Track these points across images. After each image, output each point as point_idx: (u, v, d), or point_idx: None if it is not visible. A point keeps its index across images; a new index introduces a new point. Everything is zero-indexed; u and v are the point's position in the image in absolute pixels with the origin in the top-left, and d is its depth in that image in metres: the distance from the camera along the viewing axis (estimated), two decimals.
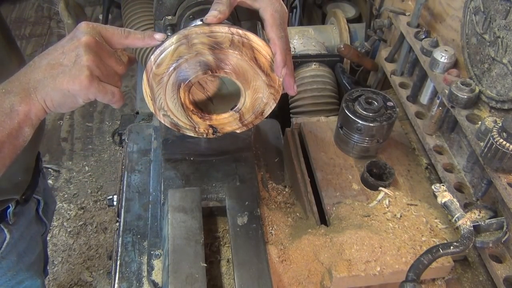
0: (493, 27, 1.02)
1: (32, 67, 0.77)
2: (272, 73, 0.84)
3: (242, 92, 0.86)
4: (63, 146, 2.49)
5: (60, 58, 0.76)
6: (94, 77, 0.76)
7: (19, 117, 0.76)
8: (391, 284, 1.02)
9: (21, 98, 0.75)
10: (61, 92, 0.76)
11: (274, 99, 0.88)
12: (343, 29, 1.72)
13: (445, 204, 0.99)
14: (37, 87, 0.76)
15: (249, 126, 0.93)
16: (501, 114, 1.04)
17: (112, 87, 0.79)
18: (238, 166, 1.19)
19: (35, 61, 0.78)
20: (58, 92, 0.76)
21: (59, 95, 0.77)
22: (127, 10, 1.83)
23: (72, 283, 1.97)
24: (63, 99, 0.77)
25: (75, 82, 0.75)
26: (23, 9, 3.45)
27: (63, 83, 0.75)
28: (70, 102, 0.78)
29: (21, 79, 0.77)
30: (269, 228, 1.13)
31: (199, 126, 0.91)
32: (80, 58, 0.75)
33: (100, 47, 0.77)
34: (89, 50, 0.75)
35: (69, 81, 0.75)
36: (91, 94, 0.77)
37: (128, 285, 1.06)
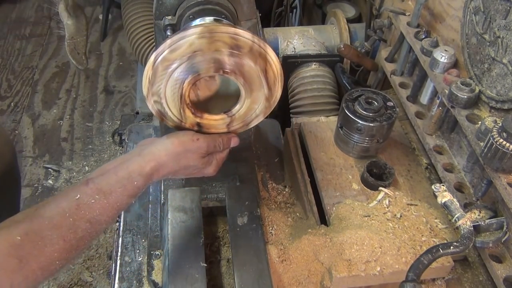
0: (493, 27, 1.02)
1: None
2: (274, 89, 0.86)
3: (242, 99, 0.87)
4: (63, 146, 2.49)
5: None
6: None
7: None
8: (391, 284, 1.02)
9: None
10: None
11: (264, 114, 0.91)
12: (343, 29, 1.72)
13: (445, 204, 0.99)
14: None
15: (231, 135, 0.95)
16: (501, 114, 1.03)
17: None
18: (238, 166, 1.19)
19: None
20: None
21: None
22: (127, 10, 1.83)
23: (72, 283, 1.96)
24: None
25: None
26: (23, 9, 3.45)
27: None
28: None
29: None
30: (269, 228, 1.13)
31: (186, 121, 0.90)
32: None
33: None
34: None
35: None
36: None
37: (128, 285, 1.06)
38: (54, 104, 2.77)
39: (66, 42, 1.56)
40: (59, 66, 3.02)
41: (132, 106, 2.74)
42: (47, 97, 2.82)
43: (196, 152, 0.89)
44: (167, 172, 0.87)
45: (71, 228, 0.74)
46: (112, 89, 2.88)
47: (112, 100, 2.80)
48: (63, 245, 0.73)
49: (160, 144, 0.87)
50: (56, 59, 3.06)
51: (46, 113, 2.71)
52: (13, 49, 3.13)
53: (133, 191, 0.82)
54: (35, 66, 3.01)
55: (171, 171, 0.88)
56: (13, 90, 2.86)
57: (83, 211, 0.76)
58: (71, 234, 0.74)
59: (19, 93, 2.84)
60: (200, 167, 0.92)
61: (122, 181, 0.80)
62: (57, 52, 3.11)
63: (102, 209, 0.77)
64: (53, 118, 2.68)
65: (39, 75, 2.95)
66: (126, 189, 0.80)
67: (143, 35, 1.77)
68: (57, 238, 0.72)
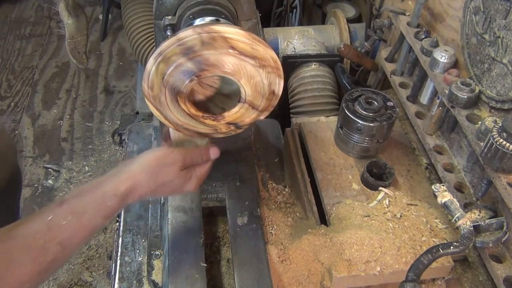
0: (493, 27, 1.02)
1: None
2: (261, 54, 0.82)
3: (238, 83, 0.85)
4: (63, 146, 2.49)
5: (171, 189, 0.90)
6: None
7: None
8: (391, 284, 1.02)
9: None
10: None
11: (277, 75, 0.86)
12: (343, 29, 1.72)
13: (445, 204, 0.99)
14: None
15: (269, 109, 0.91)
16: (501, 114, 1.03)
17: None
18: (238, 166, 1.19)
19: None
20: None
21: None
22: (127, 10, 1.83)
23: (72, 283, 1.96)
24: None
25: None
26: (23, 9, 3.45)
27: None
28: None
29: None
30: (269, 228, 1.13)
31: (219, 128, 0.91)
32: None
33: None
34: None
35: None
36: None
37: (128, 285, 1.06)
38: (54, 104, 2.77)
39: (67, 41, 1.56)
40: (59, 66, 3.02)
41: (132, 106, 2.73)
42: (47, 97, 2.82)
43: (172, 166, 0.87)
44: (145, 192, 0.84)
45: (41, 251, 0.72)
46: (112, 89, 2.88)
47: (112, 100, 2.80)
48: (33, 268, 0.71)
49: (135, 162, 0.85)
50: (56, 59, 3.06)
51: (46, 113, 2.71)
52: (13, 49, 3.13)
53: (106, 212, 0.79)
54: (35, 66, 3.01)
55: (149, 191, 0.85)
56: (13, 90, 2.86)
57: (54, 232, 0.73)
58: (41, 257, 0.72)
59: (19, 93, 2.84)
60: (179, 183, 0.89)
61: (95, 201, 0.78)
62: (57, 52, 3.11)
63: (73, 231, 0.75)
64: (53, 118, 2.68)
65: (39, 75, 2.95)
66: (99, 210, 0.78)
67: (143, 35, 1.77)
68: (27, 260, 0.71)
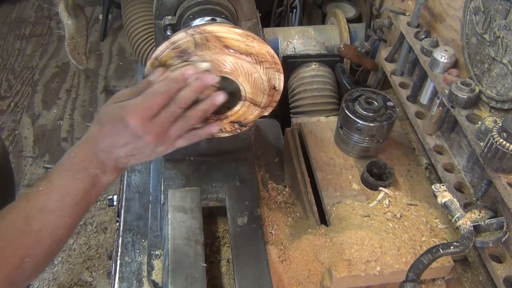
0: (493, 27, 1.02)
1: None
2: (256, 50, 0.81)
3: (236, 81, 0.85)
4: (63, 146, 2.49)
5: (135, 151, 0.79)
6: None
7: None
8: (391, 284, 1.02)
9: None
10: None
11: (275, 70, 0.86)
12: (343, 29, 1.72)
13: (445, 204, 0.99)
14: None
15: (272, 105, 0.91)
16: (501, 114, 1.03)
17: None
18: (238, 166, 1.19)
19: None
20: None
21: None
22: (127, 10, 1.83)
23: (72, 283, 1.97)
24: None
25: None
26: (23, 9, 3.45)
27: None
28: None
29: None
30: (269, 228, 1.13)
31: (224, 127, 0.91)
32: (155, 149, 0.80)
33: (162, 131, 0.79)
34: (159, 142, 0.78)
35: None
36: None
37: (128, 285, 1.06)
38: (54, 104, 2.77)
39: (66, 42, 1.56)
40: (59, 66, 3.02)
41: None
42: (47, 97, 2.82)
43: (114, 98, 0.79)
44: (102, 148, 0.77)
45: (25, 221, 0.72)
46: (112, 89, 2.88)
47: None
48: (24, 240, 0.72)
49: None
50: (56, 59, 3.06)
51: (46, 113, 2.71)
52: (13, 49, 3.14)
53: (73, 170, 0.77)
54: (35, 66, 3.01)
55: (101, 146, 0.78)
56: (13, 90, 2.86)
57: (32, 201, 0.74)
58: (27, 227, 0.72)
59: (19, 93, 2.84)
60: (136, 138, 0.76)
61: (61, 164, 0.78)
62: (57, 52, 3.12)
63: (48, 193, 0.74)
64: (53, 118, 2.68)
65: (39, 75, 2.95)
66: (66, 169, 0.77)
67: (143, 35, 1.77)
68: (16, 235, 0.72)
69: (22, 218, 0.73)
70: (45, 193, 0.75)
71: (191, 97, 0.79)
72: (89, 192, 0.77)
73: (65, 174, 0.76)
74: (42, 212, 0.73)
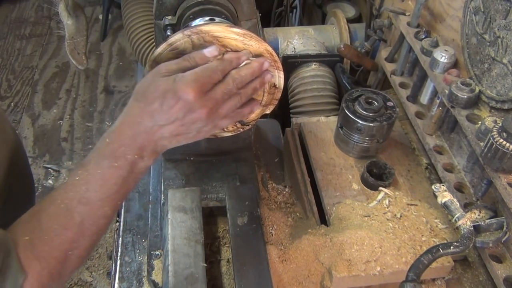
0: (493, 27, 1.02)
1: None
2: (255, 48, 0.81)
3: None
4: (63, 146, 2.49)
5: (181, 130, 0.76)
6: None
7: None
8: (391, 284, 1.02)
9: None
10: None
11: (275, 68, 0.85)
12: (343, 29, 1.72)
13: (445, 204, 0.99)
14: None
15: (273, 103, 0.90)
16: (501, 114, 1.03)
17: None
18: (238, 166, 1.19)
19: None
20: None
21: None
22: (127, 10, 1.83)
23: (72, 283, 1.97)
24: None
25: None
26: (23, 9, 3.45)
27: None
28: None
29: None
30: (269, 228, 1.13)
31: (226, 127, 0.91)
32: (202, 128, 0.77)
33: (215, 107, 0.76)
34: (209, 119, 0.76)
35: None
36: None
37: (128, 285, 1.06)
38: (54, 104, 2.78)
39: (66, 42, 1.56)
40: (59, 66, 3.02)
41: None
42: (47, 97, 2.82)
43: (157, 74, 0.75)
44: (143, 129, 0.73)
45: (66, 215, 0.71)
46: (112, 89, 2.88)
47: (112, 100, 2.80)
48: (67, 234, 0.71)
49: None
50: (56, 59, 3.06)
51: (46, 113, 2.72)
52: (13, 49, 3.14)
53: (108, 154, 0.74)
54: (35, 66, 3.01)
55: (141, 127, 0.74)
56: (13, 90, 2.86)
57: (70, 192, 0.72)
58: (69, 220, 0.71)
59: (19, 93, 2.84)
60: (192, 116, 0.73)
61: (97, 150, 0.75)
62: (57, 52, 3.12)
63: (86, 183, 0.72)
64: (53, 118, 2.68)
65: (39, 75, 2.95)
66: (103, 156, 0.74)
67: (143, 35, 1.77)
68: (59, 229, 0.71)
69: (63, 211, 0.71)
70: (83, 183, 0.73)
71: (248, 79, 0.78)
72: (127, 179, 0.74)
73: (102, 162, 0.73)
74: (82, 204, 0.72)
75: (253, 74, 0.79)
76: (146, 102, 0.74)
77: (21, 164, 1.19)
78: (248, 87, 0.79)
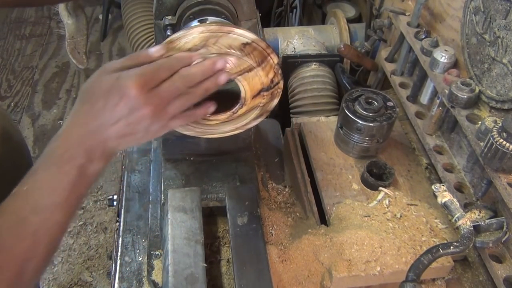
0: (493, 27, 1.02)
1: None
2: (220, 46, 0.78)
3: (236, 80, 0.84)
4: None
5: (128, 129, 0.72)
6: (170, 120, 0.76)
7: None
8: (391, 284, 1.02)
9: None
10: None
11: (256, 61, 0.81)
12: (343, 29, 1.72)
13: (445, 204, 0.99)
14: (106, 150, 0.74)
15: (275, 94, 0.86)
16: (501, 114, 1.03)
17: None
18: (238, 166, 1.19)
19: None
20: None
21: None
22: (127, 10, 1.83)
23: (72, 283, 1.97)
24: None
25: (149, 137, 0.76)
26: (23, 9, 3.45)
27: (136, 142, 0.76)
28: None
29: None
30: (269, 228, 1.13)
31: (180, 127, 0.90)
32: (149, 128, 0.74)
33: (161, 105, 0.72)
34: (155, 118, 0.72)
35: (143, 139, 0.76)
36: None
37: (128, 285, 1.06)
38: (54, 104, 2.78)
39: (66, 41, 1.56)
40: (59, 66, 3.02)
41: None
42: (47, 97, 2.82)
43: (102, 73, 0.72)
44: (78, 134, 0.71)
45: (19, 225, 0.69)
46: None
47: None
48: (21, 245, 0.69)
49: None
50: (56, 59, 3.06)
51: (46, 113, 2.72)
52: (13, 49, 3.14)
53: (55, 159, 0.72)
54: (35, 66, 3.01)
55: (81, 129, 0.71)
56: (13, 90, 2.86)
57: (20, 201, 0.70)
58: (22, 230, 0.69)
59: (19, 93, 2.84)
60: (133, 114, 0.70)
61: (45, 156, 0.73)
62: (57, 52, 3.12)
63: (35, 191, 0.71)
64: (53, 118, 2.68)
65: (39, 75, 2.95)
66: (50, 162, 0.72)
67: (143, 35, 1.77)
68: (12, 239, 0.68)
69: (15, 221, 0.69)
70: (33, 191, 0.70)
71: (198, 78, 0.75)
72: (77, 184, 0.71)
73: (50, 168, 0.71)
74: (33, 213, 0.69)
75: (204, 73, 0.75)
76: (91, 102, 0.71)
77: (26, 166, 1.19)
78: (199, 87, 0.75)
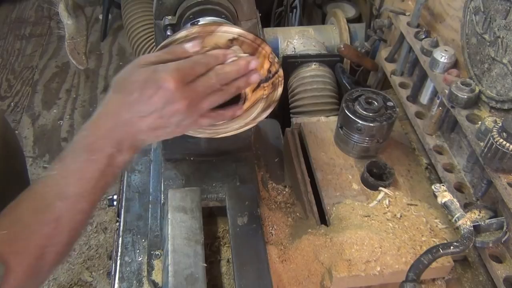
0: (493, 27, 1.02)
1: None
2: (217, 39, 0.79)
3: None
4: (63, 146, 2.49)
5: (160, 122, 0.73)
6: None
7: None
8: (391, 284, 1.02)
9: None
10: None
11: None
12: (343, 29, 1.72)
13: (445, 204, 0.99)
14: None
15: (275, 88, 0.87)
16: (501, 114, 1.03)
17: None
18: (238, 166, 1.19)
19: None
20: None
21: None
22: (127, 10, 1.83)
23: (72, 283, 1.96)
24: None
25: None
26: (23, 9, 3.44)
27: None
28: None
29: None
30: (269, 228, 1.13)
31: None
32: (181, 122, 0.74)
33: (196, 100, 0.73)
34: (188, 112, 0.73)
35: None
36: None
37: (128, 285, 1.06)
38: (54, 104, 2.77)
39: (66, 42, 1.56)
40: (59, 66, 3.01)
41: None
42: (47, 97, 2.81)
43: (136, 65, 0.72)
44: (111, 125, 0.71)
45: (44, 210, 0.69)
46: None
47: None
48: (44, 230, 0.69)
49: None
50: (56, 59, 3.06)
51: (46, 113, 2.71)
52: (13, 49, 3.13)
53: (85, 147, 0.72)
54: (35, 66, 3.01)
55: (115, 120, 0.72)
56: (13, 90, 2.86)
57: (48, 187, 0.71)
58: (47, 215, 0.69)
59: (19, 93, 2.84)
60: (172, 108, 0.70)
61: (75, 143, 0.73)
62: (57, 52, 3.11)
63: (63, 178, 0.71)
64: (53, 118, 2.68)
65: (39, 75, 2.95)
66: (80, 149, 0.72)
67: (143, 35, 1.78)
68: (36, 224, 0.69)
69: (41, 206, 0.70)
70: (60, 178, 0.71)
71: (233, 76, 0.76)
72: (105, 173, 0.72)
73: (79, 156, 0.71)
74: (59, 199, 0.70)
75: (238, 72, 0.76)
76: (125, 93, 0.72)
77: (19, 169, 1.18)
78: (231, 85, 0.76)
